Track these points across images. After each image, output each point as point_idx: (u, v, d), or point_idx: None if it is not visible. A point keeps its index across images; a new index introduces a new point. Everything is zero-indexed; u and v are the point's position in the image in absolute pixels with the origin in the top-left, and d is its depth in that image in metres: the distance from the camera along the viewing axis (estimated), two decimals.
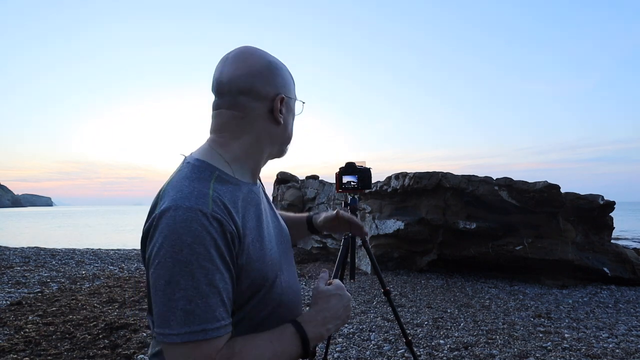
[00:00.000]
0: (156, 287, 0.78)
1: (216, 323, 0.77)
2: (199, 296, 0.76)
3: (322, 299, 0.95)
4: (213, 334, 0.77)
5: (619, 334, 4.34)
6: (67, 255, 9.73)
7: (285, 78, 0.98)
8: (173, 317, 0.76)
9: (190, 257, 0.76)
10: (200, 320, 0.76)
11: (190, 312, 0.76)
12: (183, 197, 0.81)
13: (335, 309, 0.94)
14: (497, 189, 6.74)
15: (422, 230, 7.12)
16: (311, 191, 10.06)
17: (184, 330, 0.76)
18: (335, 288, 0.97)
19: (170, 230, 0.77)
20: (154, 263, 0.78)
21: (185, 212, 0.78)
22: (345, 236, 2.70)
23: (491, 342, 4.04)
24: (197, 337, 0.76)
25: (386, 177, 7.86)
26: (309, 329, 0.89)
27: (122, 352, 3.65)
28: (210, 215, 0.79)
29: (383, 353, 3.74)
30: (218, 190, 0.85)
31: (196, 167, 0.89)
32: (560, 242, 6.60)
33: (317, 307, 0.94)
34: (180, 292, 0.76)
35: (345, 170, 2.59)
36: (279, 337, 0.86)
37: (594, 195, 7.03)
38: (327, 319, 0.93)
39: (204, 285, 0.77)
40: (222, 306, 0.79)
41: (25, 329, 4.22)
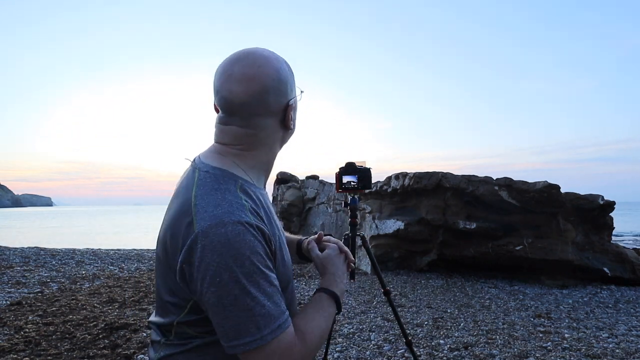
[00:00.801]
0: (224, 303, 0.80)
1: (284, 315, 0.85)
2: (267, 298, 0.83)
3: (328, 263, 1.08)
4: (285, 325, 0.85)
5: (619, 334, 4.33)
6: (67, 255, 9.73)
7: (290, 81, 0.97)
8: (252, 325, 0.81)
9: (252, 267, 0.81)
10: (274, 319, 0.83)
11: (266, 315, 0.82)
12: (225, 211, 0.83)
13: (341, 267, 1.09)
14: (497, 189, 6.74)
15: (422, 230, 7.12)
16: (311, 191, 10.06)
17: (265, 332, 0.82)
18: (334, 250, 1.11)
19: (225, 246, 0.80)
20: (215, 282, 0.80)
21: (235, 226, 0.82)
22: (345, 236, 2.70)
23: (491, 342, 4.04)
24: (277, 333, 0.83)
25: (386, 177, 7.86)
26: (336, 290, 1.02)
27: (122, 352, 3.64)
28: (255, 225, 0.84)
29: (383, 353, 3.74)
30: (248, 200, 0.88)
31: (219, 176, 0.90)
32: (560, 242, 6.60)
33: (329, 270, 1.07)
34: (253, 301, 0.81)
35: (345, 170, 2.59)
36: (320, 305, 0.99)
37: (594, 195, 7.03)
38: (340, 277, 1.06)
39: (267, 288, 0.83)
40: (282, 300, 0.87)
41: (25, 329, 4.22)
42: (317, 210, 9.65)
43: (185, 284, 0.84)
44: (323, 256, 1.10)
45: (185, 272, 0.83)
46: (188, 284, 0.84)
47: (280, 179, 10.95)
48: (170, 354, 0.91)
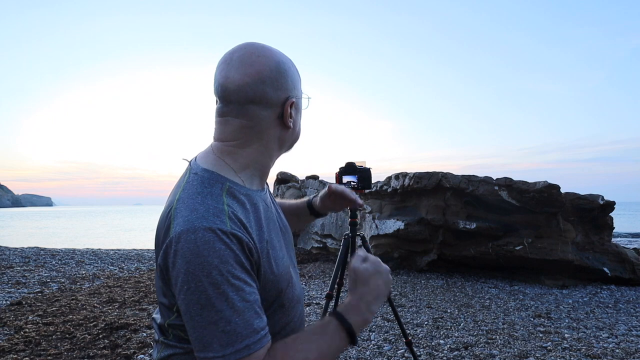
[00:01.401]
0: (190, 313, 0.77)
1: (257, 336, 0.78)
2: (236, 314, 0.76)
3: (360, 281, 0.90)
4: (256, 347, 0.77)
5: (619, 334, 4.34)
6: (67, 255, 9.73)
7: (293, 77, 0.94)
8: (215, 340, 0.76)
9: (219, 278, 0.76)
10: (242, 338, 0.76)
11: (231, 332, 0.76)
12: (199, 216, 0.79)
13: (376, 289, 0.90)
14: (497, 189, 6.74)
15: (422, 230, 7.12)
16: (311, 191, 10.06)
17: (229, 351, 0.76)
18: (373, 266, 0.92)
19: (194, 254, 0.76)
20: (184, 289, 0.77)
21: (205, 233, 0.77)
22: (345, 236, 2.70)
23: (491, 342, 4.04)
24: (242, 354, 0.76)
25: (386, 177, 7.86)
26: (353, 319, 0.86)
27: (122, 352, 3.64)
28: (230, 233, 0.79)
29: (383, 353, 3.74)
30: (232, 205, 0.84)
31: (205, 179, 0.86)
32: (560, 242, 6.60)
33: (358, 292, 0.89)
34: (217, 315, 0.76)
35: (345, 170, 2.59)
36: (322, 334, 0.84)
37: (594, 195, 7.03)
38: (370, 302, 0.89)
39: (238, 302, 0.77)
40: (258, 317, 0.80)
41: (25, 329, 4.22)
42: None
43: (168, 287, 0.83)
44: (358, 269, 0.91)
45: (165, 276, 0.83)
46: (169, 287, 0.83)
47: (280, 179, 10.95)
48: (169, 354, 0.91)
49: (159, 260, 0.83)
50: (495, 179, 6.86)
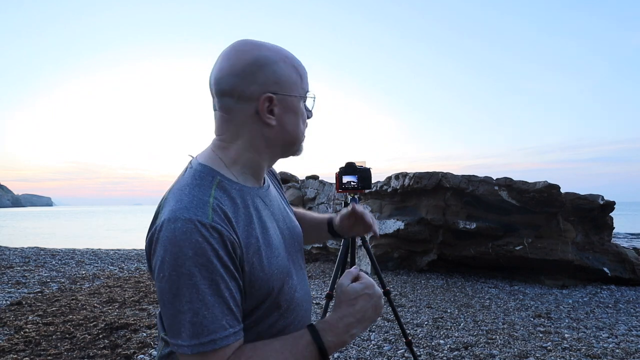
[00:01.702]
0: (163, 300, 0.79)
1: (224, 332, 0.78)
2: (204, 307, 0.76)
3: (346, 301, 0.86)
4: (222, 343, 0.77)
5: (619, 334, 4.33)
6: (67, 255, 9.73)
7: (278, 73, 0.89)
8: (183, 329, 0.77)
9: (192, 269, 0.76)
10: (208, 332, 0.76)
11: (198, 324, 0.76)
12: (182, 207, 0.80)
13: (362, 312, 0.86)
14: (497, 189, 6.74)
15: (422, 230, 7.12)
16: (311, 191, 10.06)
17: (193, 342, 0.76)
18: (363, 287, 0.87)
19: (171, 243, 0.77)
20: (159, 277, 0.78)
21: (185, 223, 0.77)
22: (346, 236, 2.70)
23: (491, 342, 4.04)
24: (206, 348, 0.76)
25: (386, 177, 7.87)
26: (327, 338, 0.83)
27: (122, 352, 3.64)
28: (210, 225, 0.78)
29: (383, 353, 3.74)
30: (219, 198, 0.84)
31: (198, 172, 0.87)
32: (560, 242, 6.60)
33: (341, 312, 0.86)
34: (186, 305, 0.76)
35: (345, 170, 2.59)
36: (292, 346, 0.83)
37: (594, 195, 7.03)
38: (352, 325, 0.85)
39: (208, 296, 0.77)
40: (230, 314, 0.79)
41: (25, 329, 4.22)
42: (317, 210, 9.65)
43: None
44: (345, 289, 0.88)
45: (149, 263, 0.85)
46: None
47: (280, 179, 10.97)
48: (169, 352, 0.90)
49: (146, 247, 0.85)
50: (495, 179, 6.86)
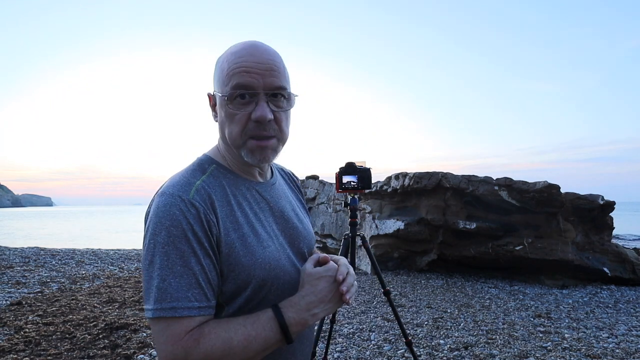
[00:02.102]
0: (142, 267, 0.84)
1: (187, 303, 0.80)
2: (172, 275, 0.80)
3: (309, 282, 0.89)
4: (182, 313, 0.79)
5: (619, 334, 4.33)
6: (67, 255, 9.73)
7: (215, 73, 0.93)
8: (151, 294, 0.80)
9: (167, 238, 0.80)
10: (171, 299, 0.79)
11: (163, 289, 0.79)
12: (171, 185, 0.86)
13: (323, 292, 0.88)
14: (497, 189, 6.74)
15: (422, 230, 7.12)
16: (311, 191, 10.06)
17: (156, 307, 0.79)
18: (326, 270, 0.90)
19: (154, 214, 0.83)
20: (143, 245, 0.85)
21: (168, 198, 0.84)
22: (345, 236, 2.70)
23: (491, 342, 4.05)
24: (166, 313, 0.79)
25: (386, 177, 7.86)
26: (289, 314, 0.85)
27: (122, 352, 3.64)
28: (189, 201, 0.83)
29: (383, 353, 3.74)
30: (208, 182, 0.89)
31: (200, 160, 0.95)
32: (560, 242, 6.60)
33: (303, 291, 0.88)
34: (157, 271, 0.80)
35: (345, 170, 2.59)
36: (254, 320, 0.83)
37: (594, 195, 7.03)
38: (313, 304, 0.87)
39: (178, 265, 0.80)
40: (197, 288, 0.81)
41: (25, 329, 4.22)
42: (317, 210, 9.65)
43: None
44: (309, 271, 0.91)
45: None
46: None
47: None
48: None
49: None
50: (495, 179, 6.86)
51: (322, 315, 0.89)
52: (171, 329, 0.79)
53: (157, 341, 0.80)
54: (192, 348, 0.78)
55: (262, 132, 0.89)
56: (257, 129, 0.88)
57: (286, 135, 0.93)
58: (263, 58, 0.88)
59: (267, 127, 0.89)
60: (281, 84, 0.89)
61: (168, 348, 0.78)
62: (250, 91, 0.87)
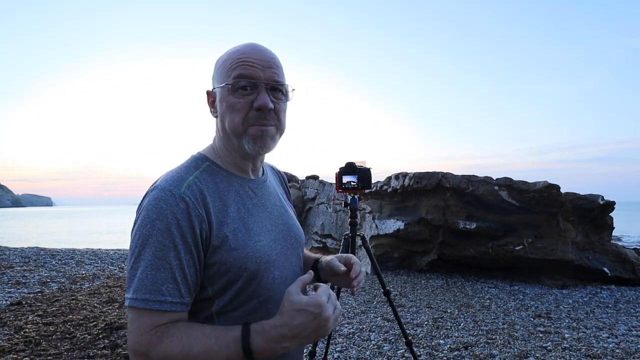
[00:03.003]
0: (128, 256, 0.86)
1: (160, 297, 0.80)
2: (149, 267, 0.81)
3: (287, 312, 0.80)
4: (153, 306, 0.80)
5: (619, 334, 4.33)
6: (67, 255, 9.73)
7: (215, 70, 0.98)
8: (131, 284, 0.82)
9: (151, 231, 0.82)
10: (145, 290, 0.80)
11: (140, 280, 0.81)
12: (164, 180, 0.88)
13: (299, 328, 0.79)
14: (497, 189, 6.74)
15: (422, 230, 7.12)
16: (311, 191, 10.06)
17: (131, 296, 0.81)
18: (311, 303, 0.79)
19: (145, 207, 0.85)
20: (131, 235, 0.87)
21: (159, 192, 0.85)
22: (345, 236, 2.70)
23: (491, 342, 4.04)
24: (138, 304, 0.80)
25: (386, 177, 7.86)
26: (257, 341, 0.79)
27: (122, 352, 3.64)
28: (179, 195, 0.85)
29: (383, 353, 3.74)
30: (200, 178, 0.91)
31: (194, 157, 0.97)
32: (560, 242, 6.60)
33: (278, 320, 0.80)
34: (137, 263, 0.82)
35: (345, 170, 2.59)
36: (221, 336, 0.80)
37: (594, 195, 7.03)
38: (285, 337, 0.79)
39: (156, 258, 0.81)
40: (173, 283, 0.82)
41: (25, 329, 4.22)
42: (317, 210, 9.65)
43: None
44: (292, 298, 0.80)
45: None
46: None
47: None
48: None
49: None
50: (495, 179, 6.86)
51: (293, 348, 0.82)
52: (141, 320, 0.80)
53: (129, 329, 0.82)
54: (153, 344, 0.80)
55: (262, 120, 0.93)
56: (259, 118, 0.92)
57: (284, 126, 0.98)
58: (264, 55, 0.94)
59: (268, 116, 0.93)
60: (280, 79, 0.95)
61: (135, 338, 0.80)
62: (252, 81, 0.91)
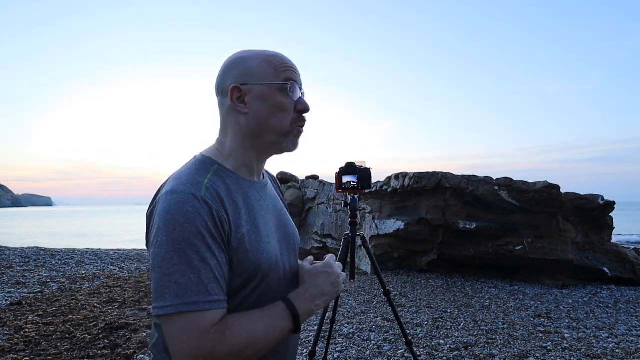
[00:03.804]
0: (154, 265, 0.83)
1: (208, 297, 0.81)
2: (191, 271, 0.81)
3: (309, 277, 0.99)
4: (204, 307, 0.81)
5: (619, 334, 4.34)
6: (67, 255, 9.73)
7: (248, 66, 0.97)
8: (168, 291, 0.80)
9: (182, 235, 0.82)
10: (192, 293, 0.80)
11: (183, 285, 0.80)
12: (180, 184, 0.88)
13: (322, 286, 0.98)
14: (497, 189, 6.74)
15: (422, 230, 7.12)
16: (311, 191, 10.06)
17: (177, 302, 0.79)
18: (322, 266, 1.02)
19: (166, 212, 0.84)
20: (153, 243, 0.84)
21: (180, 195, 0.85)
22: (345, 236, 2.70)
23: (491, 342, 4.04)
24: (189, 308, 0.80)
25: (386, 177, 7.86)
26: (298, 305, 0.93)
27: (122, 352, 3.65)
28: (202, 198, 0.85)
29: (383, 353, 3.74)
30: (214, 181, 0.91)
31: (199, 161, 0.96)
32: (560, 242, 6.60)
33: (305, 286, 0.98)
34: (174, 267, 0.81)
35: (345, 170, 2.59)
36: (270, 312, 0.90)
37: (594, 195, 7.03)
38: (315, 296, 0.96)
39: (195, 261, 0.81)
40: (215, 282, 0.83)
41: (25, 329, 4.22)
42: (317, 210, 9.65)
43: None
44: (307, 268, 1.02)
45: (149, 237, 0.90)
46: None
47: (280, 179, 10.94)
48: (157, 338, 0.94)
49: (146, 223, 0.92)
50: (495, 179, 6.86)
51: (323, 306, 0.99)
52: (195, 324, 0.80)
53: (177, 339, 0.80)
54: (217, 341, 0.80)
55: (303, 122, 1.02)
56: (301, 119, 1.01)
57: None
58: (295, 65, 1.02)
59: (305, 119, 1.02)
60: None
61: (193, 344, 0.79)
62: (298, 86, 0.99)
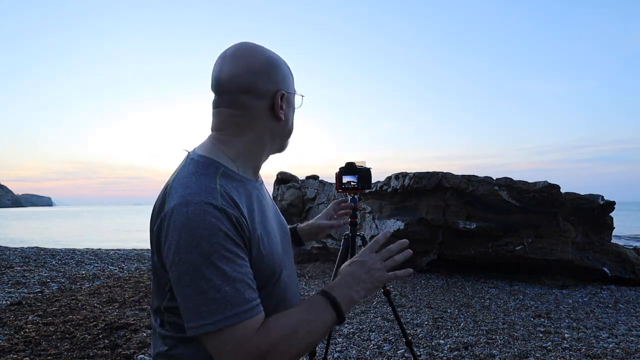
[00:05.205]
0: (181, 283, 0.80)
1: (247, 305, 0.80)
2: (225, 283, 0.78)
3: (343, 268, 0.96)
4: (246, 316, 0.80)
5: (619, 334, 4.33)
6: (67, 255, 9.73)
7: (284, 73, 0.99)
8: (205, 308, 0.78)
9: (209, 248, 0.78)
10: (231, 305, 0.78)
11: (220, 300, 0.78)
12: (192, 192, 0.83)
13: (356, 274, 0.94)
14: (497, 189, 6.74)
15: (422, 230, 7.12)
16: (311, 191, 10.06)
17: (217, 318, 0.78)
18: (357, 255, 0.98)
19: (185, 225, 0.79)
20: (175, 261, 0.80)
21: (197, 206, 0.80)
22: (345, 236, 2.70)
23: (491, 342, 4.04)
24: (231, 321, 0.78)
25: (386, 177, 7.86)
26: (336, 293, 0.90)
27: (122, 352, 3.65)
28: (220, 207, 0.82)
29: (383, 353, 3.74)
30: (224, 185, 0.87)
31: (201, 163, 0.91)
32: (560, 242, 6.60)
33: (339, 276, 0.94)
34: (207, 283, 0.78)
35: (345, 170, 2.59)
36: (309, 306, 0.88)
37: (594, 195, 7.03)
38: (350, 283, 0.92)
39: (228, 272, 0.79)
40: (249, 288, 0.82)
41: (25, 329, 4.22)
42: (317, 210, 9.64)
43: (162, 264, 0.85)
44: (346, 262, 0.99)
45: (159, 251, 0.85)
46: (163, 264, 0.85)
47: (280, 179, 10.94)
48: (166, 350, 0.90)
49: (153, 235, 0.86)
50: (495, 179, 6.86)
51: (364, 294, 0.94)
52: (238, 334, 0.79)
53: (224, 352, 0.79)
54: (261, 343, 0.80)
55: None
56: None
57: None
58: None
59: None
60: None
61: (239, 352, 0.79)
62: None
